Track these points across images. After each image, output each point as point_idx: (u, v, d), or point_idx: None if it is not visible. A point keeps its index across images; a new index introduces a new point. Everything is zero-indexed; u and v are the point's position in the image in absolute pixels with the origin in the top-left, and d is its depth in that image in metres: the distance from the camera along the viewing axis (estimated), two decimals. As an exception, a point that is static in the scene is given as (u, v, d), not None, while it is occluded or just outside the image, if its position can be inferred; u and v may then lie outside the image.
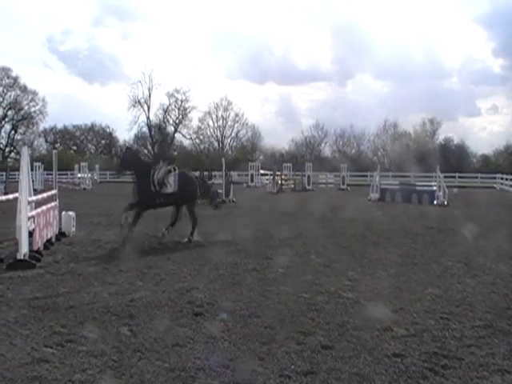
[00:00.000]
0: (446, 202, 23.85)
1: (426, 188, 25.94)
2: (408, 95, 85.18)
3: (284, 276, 8.40)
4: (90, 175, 43.84)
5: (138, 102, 76.27)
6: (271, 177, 38.33)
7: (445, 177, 26.71)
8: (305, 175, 39.18)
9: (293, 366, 4.69)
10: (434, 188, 25.08)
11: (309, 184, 38.49)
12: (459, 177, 49.08)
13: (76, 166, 44.01)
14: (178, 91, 76.63)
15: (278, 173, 38.16)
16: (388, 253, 10.50)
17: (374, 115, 78.42)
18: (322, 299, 6.95)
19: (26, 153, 9.73)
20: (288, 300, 6.87)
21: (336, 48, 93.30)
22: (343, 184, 40.43)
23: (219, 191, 25.19)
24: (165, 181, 11.85)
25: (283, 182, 37.33)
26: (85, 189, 38.59)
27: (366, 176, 48.41)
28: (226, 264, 9.22)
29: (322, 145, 77.95)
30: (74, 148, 78.78)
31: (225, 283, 7.84)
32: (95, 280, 7.97)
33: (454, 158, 61.90)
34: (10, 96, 73.22)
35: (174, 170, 12.13)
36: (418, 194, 25.22)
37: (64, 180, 38.93)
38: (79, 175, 42.77)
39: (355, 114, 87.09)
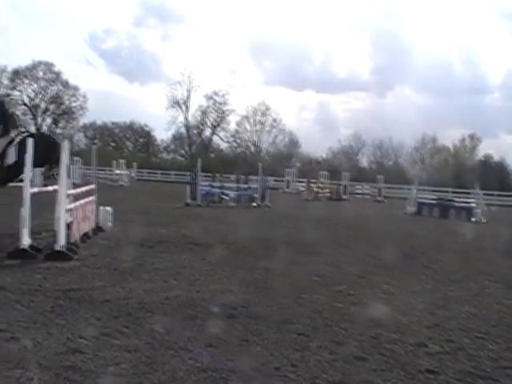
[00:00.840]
0: (484, 220, 23.45)
1: (464, 204, 25.54)
2: (448, 109, 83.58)
3: (318, 284, 8.35)
4: (127, 172, 44.33)
5: (177, 102, 76.87)
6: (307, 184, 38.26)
7: (484, 194, 26.25)
8: (341, 184, 38.94)
9: (325, 375, 4.65)
10: (473, 205, 24.70)
11: (345, 194, 38.25)
12: (498, 195, 48.08)
13: (114, 162, 44.50)
14: (216, 94, 76.88)
15: (314, 180, 38.03)
16: (424, 267, 10.36)
17: (413, 128, 77.21)
18: (355, 310, 6.89)
19: (66, 146, 9.90)
20: (322, 308, 6.83)
21: (376, 58, 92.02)
22: (379, 195, 39.89)
23: (255, 196, 25.34)
24: (5, 153, 10.98)
25: (319, 190, 37.15)
26: (122, 185, 39.06)
27: (403, 189, 47.82)
28: (260, 268, 9.22)
29: (360, 155, 77.30)
30: (113, 144, 79.66)
31: (259, 288, 7.83)
32: (130, 276, 8.06)
33: (493, 176, 60.61)
34: (53, 90, 74.54)
35: (13, 139, 11.07)
36: (455, 210, 24.85)
37: (102, 176, 39.44)
38: (117, 172, 43.24)
39: (394, 125, 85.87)
